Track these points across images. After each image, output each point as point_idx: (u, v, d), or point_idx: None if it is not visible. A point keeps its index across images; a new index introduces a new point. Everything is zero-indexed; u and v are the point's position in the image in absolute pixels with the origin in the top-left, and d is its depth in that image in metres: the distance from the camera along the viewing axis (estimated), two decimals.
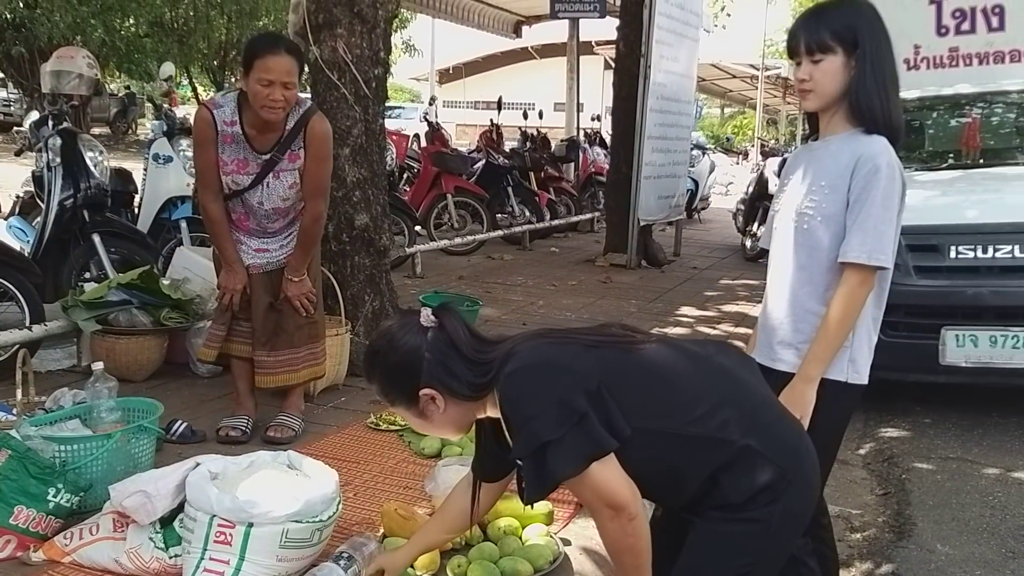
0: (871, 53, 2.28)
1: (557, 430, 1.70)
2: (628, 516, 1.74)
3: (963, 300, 4.54)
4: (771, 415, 1.87)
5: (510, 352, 1.83)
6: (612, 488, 1.73)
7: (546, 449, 1.72)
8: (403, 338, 1.91)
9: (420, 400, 1.90)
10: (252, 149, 3.57)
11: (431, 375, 1.87)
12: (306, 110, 3.61)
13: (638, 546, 1.78)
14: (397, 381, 1.93)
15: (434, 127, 10.25)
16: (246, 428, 3.78)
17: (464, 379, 1.86)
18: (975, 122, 5.94)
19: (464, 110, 39.99)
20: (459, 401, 1.90)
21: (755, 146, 25.01)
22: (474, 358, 1.87)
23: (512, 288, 7.67)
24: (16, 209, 6.40)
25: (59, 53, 5.62)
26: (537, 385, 1.75)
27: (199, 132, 3.61)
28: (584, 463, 1.71)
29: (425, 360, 1.87)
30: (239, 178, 3.59)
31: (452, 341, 1.88)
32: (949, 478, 4.10)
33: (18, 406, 3.46)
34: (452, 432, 2.02)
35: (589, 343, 1.82)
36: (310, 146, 3.57)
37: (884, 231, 2.24)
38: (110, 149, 5.80)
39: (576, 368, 1.76)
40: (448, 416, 1.93)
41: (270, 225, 3.72)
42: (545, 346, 1.83)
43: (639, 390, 1.79)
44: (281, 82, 3.37)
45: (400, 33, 27.89)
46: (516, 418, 1.77)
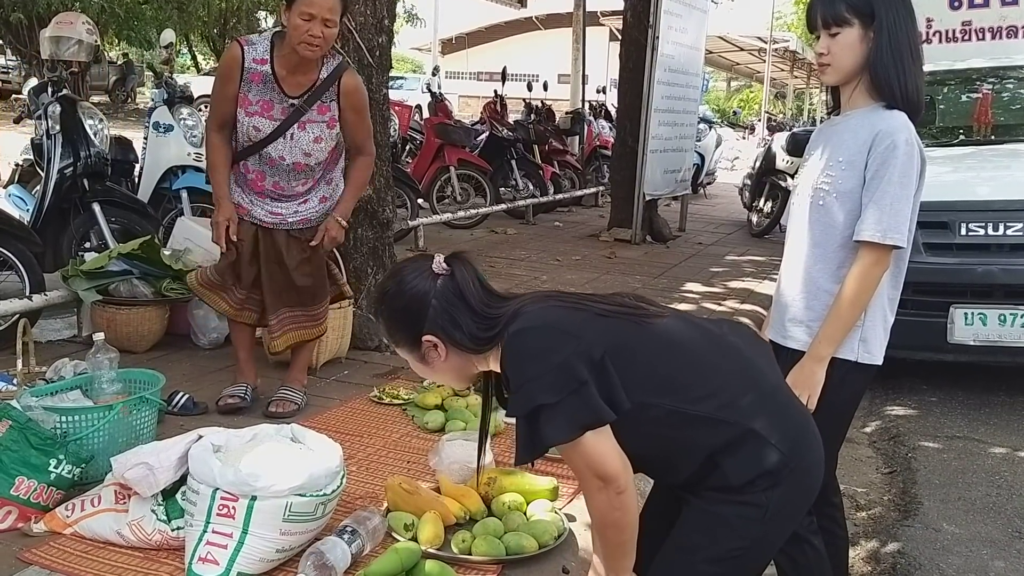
0: (888, 25, 2.23)
1: (554, 395, 1.68)
2: (616, 488, 1.71)
3: (972, 278, 4.51)
4: (779, 400, 1.83)
5: (518, 311, 1.81)
6: (603, 459, 1.71)
7: (540, 412, 1.70)
8: (412, 282, 1.88)
9: (422, 345, 1.88)
10: (280, 91, 3.50)
11: (435, 323, 1.85)
12: (339, 64, 3.56)
13: (623, 521, 1.76)
14: (402, 324, 1.90)
15: (437, 98, 10.16)
16: (244, 395, 3.75)
17: (468, 331, 1.84)
18: (987, 97, 5.88)
19: (467, 81, 39.76)
20: (461, 352, 1.87)
21: (762, 120, 24.87)
22: (481, 311, 1.84)
23: (515, 263, 7.63)
24: (15, 177, 6.34)
25: (58, 19, 5.56)
26: (540, 347, 1.73)
27: (224, 66, 3.60)
28: (577, 431, 1.69)
29: (431, 307, 1.85)
30: (261, 122, 3.50)
31: (461, 291, 1.85)
32: (955, 457, 4.09)
33: (18, 376, 3.44)
34: (452, 380, 2.00)
35: (600, 311, 1.79)
36: (348, 99, 3.55)
37: (900, 209, 2.19)
38: (109, 118, 5.74)
39: (583, 335, 1.73)
40: (449, 364, 1.90)
41: (288, 186, 3.62)
42: (554, 309, 1.80)
43: (645, 364, 1.76)
44: (323, 18, 3.30)
45: (403, 1, 27.69)
46: (515, 377, 1.75)
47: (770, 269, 7.64)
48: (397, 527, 2.58)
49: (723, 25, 25.08)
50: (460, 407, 3.64)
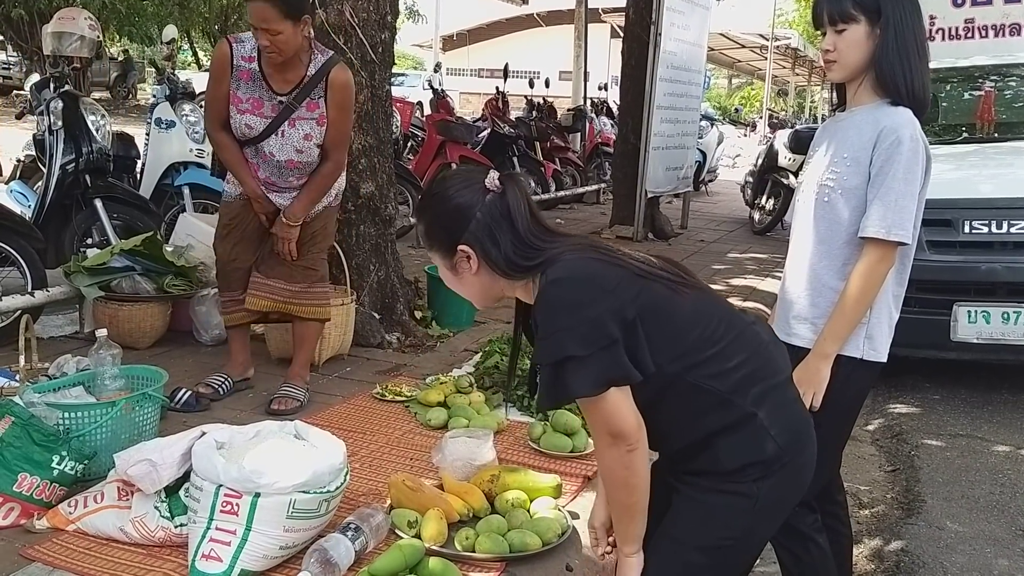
0: (895, 22, 2.22)
1: (584, 348, 1.67)
2: (627, 446, 1.71)
3: (976, 276, 4.51)
4: (787, 395, 1.83)
5: (560, 255, 1.78)
6: (620, 417, 1.70)
7: (567, 363, 1.69)
8: (461, 191, 1.86)
9: (456, 255, 1.86)
10: (269, 88, 3.51)
11: (474, 235, 1.82)
12: (328, 59, 3.54)
13: (632, 482, 1.75)
14: (441, 229, 1.88)
15: (439, 95, 10.15)
16: (219, 386, 3.78)
17: (505, 253, 1.81)
18: (990, 95, 5.87)
19: (468, 78, 39.73)
20: (492, 271, 1.85)
21: (764, 118, 24.84)
22: (525, 238, 1.82)
23: None
24: (17, 173, 6.35)
25: (60, 14, 5.54)
26: (576, 299, 1.71)
27: (214, 64, 3.62)
28: (602, 387, 1.68)
29: (474, 219, 1.82)
30: (253, 120, 3.53)
31: (509, 211, 1.82)
32: (959, 455, 4.08)
33: (21, 372, 3.43)
34: (477, 296, 1.96)
35: (639, 271, 1.77)
36: (333, 95, 3.52)
37: (905, 205, 2.19)
38: (110, 113, 5.73)
39: (619, 293, 1.72)
40: (477, 280, 1.88)
41: (282, 180, 3.66)
42: (595, 262, 1.77)
43: (672, 331, 1.75)
44: (261, 28, 3.31)
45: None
46: (546, 324, 1.73)
47: (772, 266, 7.63)
48: (400, 524, 2.58)
49: (725, 22, 25.04)
50: (463, 404, 3.63)
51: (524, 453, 3.30)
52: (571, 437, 3.30)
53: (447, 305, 5.09)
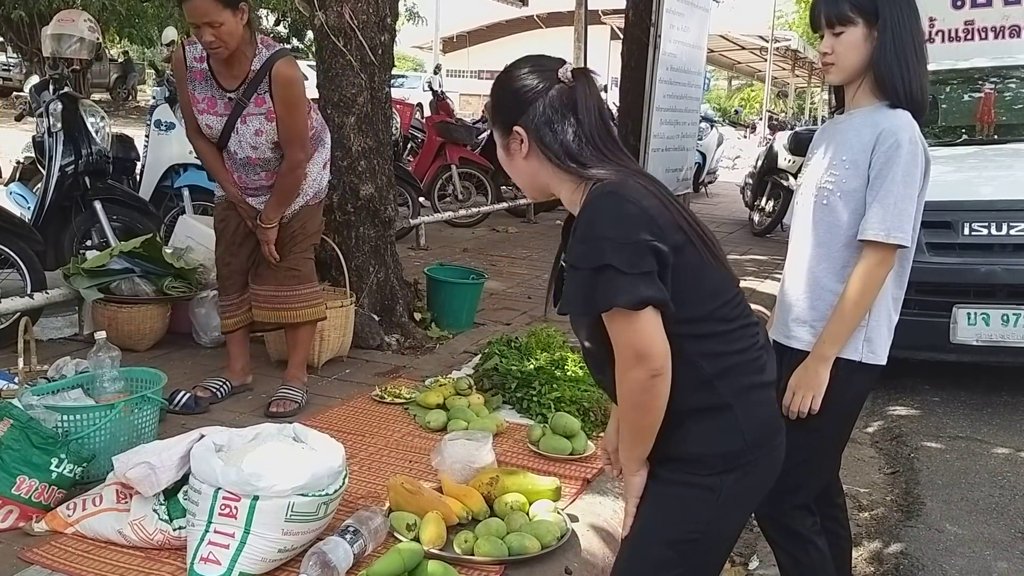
0: (892, 24, 2.22)
1: (626, 264, 1.64)
2: (652, 369, 1.66)
3: (975, 278, 4.50)
4: (767, 397, 1.82)
5: (623, 170, 1.76)
6: (651, 339, 1.66)
7: (607, 271, 1.64)
8: (529, 74, 1.83)
9: (511, 134, 1.83)
10: (219, 86, 3.54)
11: (531, 120, 1.80)
12: (273, 53, 3.54)
13: (650, 404, 1.70)
14: (503, 105, 1.86)
15: (439, 96, 10.14)
16: (217, 390, 3.80)
17: (561, 142, 1.78)
18: (990, 97, 5.86)
19: (468, 79, 39.72)
20: (542, 158, 1.81)
21: (763, 119, 24.84)
22: (588, 134, 1.79)
23: (517, 261, 7.63)
24: (17, 175, 6.34)
25: (60, 16, 5.54)
26: (629, 219, 1.67)
27: (175, 70, 3.74)
28: (638, 304, 1.63)
29: (535, 104, 1.79)
30: (211, 119, 3.58)
31: (575, 104, 1.79)
32: (958, 457, 4.08)
33: (20, 375, 3.43)
34: (525, 183, 1.93)
35: (684, 226, 1.73)
36: (275, 90, 3.51)
37: (904, 208, 2.19)
38: (110, 115, 5.73)
39: (666, 236, 1.68)
40: (527, 165, 1.85)
41: (249, 179, 3.69)
42: (654, 197, 1.72)
43: (692, 294, 1.72)
44: (204, 23, 3.32)
45: (404, 0, 27.65)
46: (591, 229, 1.68)
47: (772, 268, 7.63)
48: (399, 527, 2.57)
49: (724, 24, 25.03)
50: (462, 406, 3.63)
51: (523, 455, 3.29)
52: (570, 439, 3.30)
53: (446, 307, 5.09)
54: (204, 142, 3.68)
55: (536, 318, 5.41)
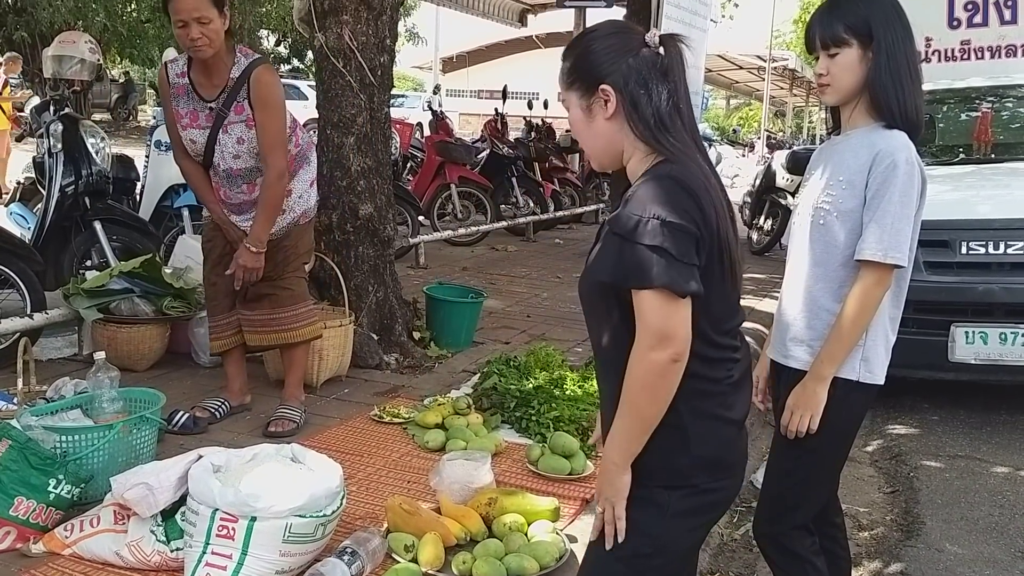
0: (886, 46, 2.24)
1: (677, 251, 1.61)
2: (674, 353, 1.63)
3: (973, 296, 4.51)
4: (728, 432, 1.80)
5: (692, 152, 1.73)
6: (679, 323, 1.63)
7: (655, 251, 1.61)
8: (620, 33, 1.79)
9: (595, 94, 1.77)
10: (200, 98, 3.57)
11: (623, 78, 1.73)
12: (252, 61, 3.57)
13: (661, 391, 1.66)
14: (588, 65, 1.78)
15: (438, 116, 10.19)
16: (216, 410, 3.80)
17: (655, 107, 1.72)
18: (986, 116, 5.89)
19: (467, 99, 39.86)
20: (626, 122, 1.75)
21: (761, 138, 24.93)
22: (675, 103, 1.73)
23: (516, 280, 7.63)
24: (17, 195, 6.36)
25: (61, 38, 5.57)
26: (687, 210, 1.64)
27: (160, 90, 3.77)
28: (677, 289, 1.61)
29: (626, 63, 1.73)
30: (194, 133, 3.59)
31: (665, 69, 1.73)
32: (958, 476, 4.07)
33: (19, 395, 3.43)
34: (599, 149, 1.84)
35: (721, 238, 1.69)
36: (252, 94, 3.53)
37: (901, 228, 2.20)
38: (110, 135, 5.76)
39: (708, 238, 1.66)
40: (608, 128, 1.78)
41: (232, 192, 3.69)
42: (709, 196, 1.68)
43: (703, 307, 1.68)
44: (193, 18, 3.35)
45: (404, 20, 27.81)
46: (648, 204, 1.64)
47: (770, 287, 7.63)
48: (397, 548, 2.57)
49: (722, 44, 25.12)
50: (460, 426, 3.63)
51: (522, 476, 3.29)
52: (569, 459, 3.29)
53: (445, 326, 5.09)
54: (190, 163, 3.70)
55: (535, 337, 5.42)
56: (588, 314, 1.84)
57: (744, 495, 3.78)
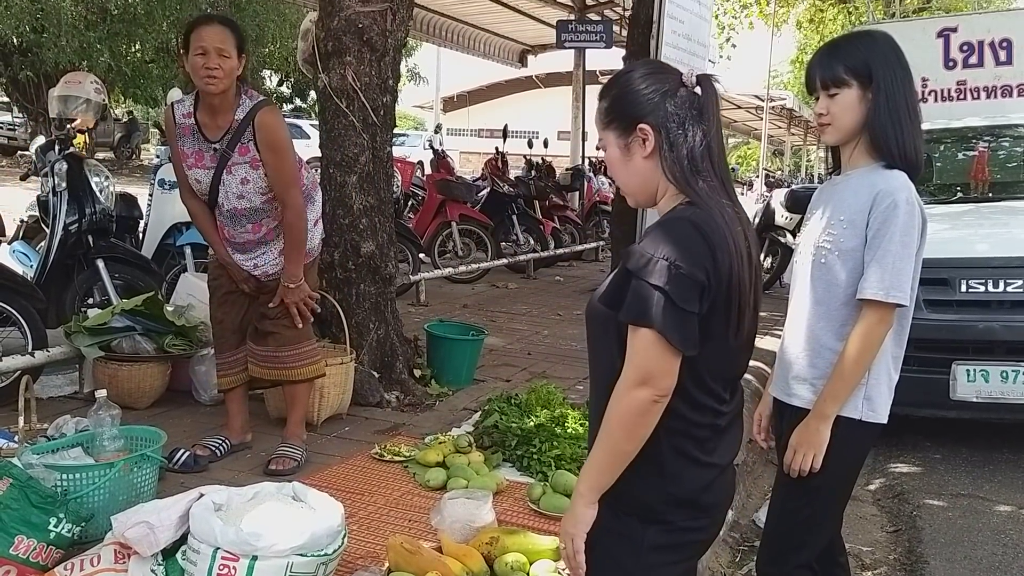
0: (885, 86, 2.27)
1: (678, 296, 1.62)
2: (656, 392, 1.63)
3: (973, 334, 4.51)
4: (706, 475, 1.78)
5: (721, 196, 1.74)
6: (663, 369, 1.63)
7: (657, 290, 1.62)
8: (658, 73, 1.79)
9: (633, 133, 1.77)
10: (205, 139, 3.60)
11: (662, 118, 1.74)
12: (256, 103, 3.61)
13: (639, 429, 1.66)
14: (627, 105, 1.79)
15: (439, 155, 10.26)
16: (217, 448, 3.80)
17: (690, 148, 1.73)
18: (983, 155, 5.94)
19: (468, 138, 40.17)
20: (661, 162, 1.76)
21: (760, 177, 25.06)
22: (709, 145, 1.74)
23: (517, 317, 7.64)
24: (20, 233, 6.39)
25: (67, 78, 5.62)
26: (697, 254, 1.65)
27: (166, 130, 3.82)
28: (670, 338, 1.61)
29: (665, 103, 1.75)
30: (199, 173, 3.63)
31: (701, 110, 1.75)
32: (961, 515, 4.05)
33: (20, 433, 3.42)
34: (636, 188, 1.85)
35: (733, 288, 1.69)
36: (259, 137, 3.56)
37: (902, 268, 2.21)
38: (114, 173, 5.79)
39: (717, 289, 1.67)
40: (645, 167, 1.79)
41: (236, 232, 3.72)
42: (726, 244, 1.68)
43: (700, 359, 1.69)
44: (215, 48, 3.41)
45: (405, 61, 28.06)
46: (659, 246, 1.65)
47: (771, 324, 7.63)
48: None
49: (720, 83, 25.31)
50: (462, 464, 3.62)
51: (523, 515, 3.28)
52: (571, 498, 3.27)
53: (446, 363, 5.09)
54: (196, 203, 3.74)
55: (536, 375, 5.41)
56: (589, 339, 1.86)
57: (747, 534, 3.76)
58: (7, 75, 21.95)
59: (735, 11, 18.31)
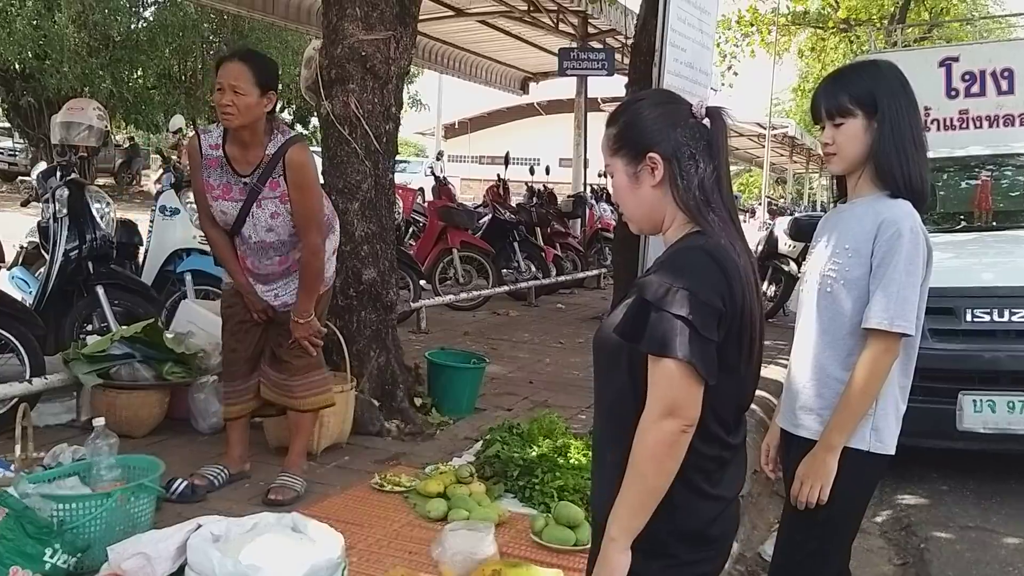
0: (890, 116, 2.27)
1: (700, 324, 1.60)
2: (681, 426, 1.62)
3: (980, 364, 4.48)
4: (711, 508, 1.76)
5: (729, 228, 1.73)
6: (690, 399, 1.62)
7: (679, 320, 1.60)
8: (669, 104, 1.79)
9: (643, 162, 1.76)
10: (234, 172, 3.59)
11: (672, 148, 1.74)
12: (288, 139, 3.61)
13: (668, 462, 1.64)
14: (637, 133, 1.78)
15: (441, 181, 10.27)
16: (215, 477, 3.76)
17: (700, 179, 1.73)
18: (986, 184, 5.94)
19: (469, 164, 40.30)
20: (668, 191, 1.76)
21: (763, 204, 25.14)
22: (718, 176, 1.74)
23: (518, 345, 7.61)
24: (19, 259, 6.37)
25: (70, 105, 5.63)
26: (714, 284, 1.64)
27: (190, 158, 3.80)
28: (699, 367, 1.60)
29: (675, 133, 1.74)
30: (225, 205, 3.62)
31: (711, 144, 1.75)
32: (968, 548, 4.00)
33: (16, 462, 3.39)
34: (643, 216, 1.84)
35: (744, 318, 1.69)
36: (289, 175, 3.56)
37: (907, 297, 2.19)
38: (114, 200, 5.79)
39: (731, 318, 1.66)
40: (652, 196, 1.78)
41: (261, 264, 3.72)
42: (738, 274, 1.69)
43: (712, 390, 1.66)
44: (229, 85, 3.42)
45: (407, 88, 28.22)
46: (677, 276, 1.64)
47: (775, 353, 7.58)
48: None
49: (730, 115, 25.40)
50: (463, 495, 3.57)
51: (526, 547, 3.23)
52: (574, 530, 3.24)
53: (447, 392, 5.06)
54: (217, 231, 3.72)
55: (538, 403, 5.37)
56: (597, 369, 1.83)
57: (752, 567, 3.70)
58: (8, 101, 22.10)
59: (736, 39, 18.43)
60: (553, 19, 12.74)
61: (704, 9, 6.07)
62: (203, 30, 23.11)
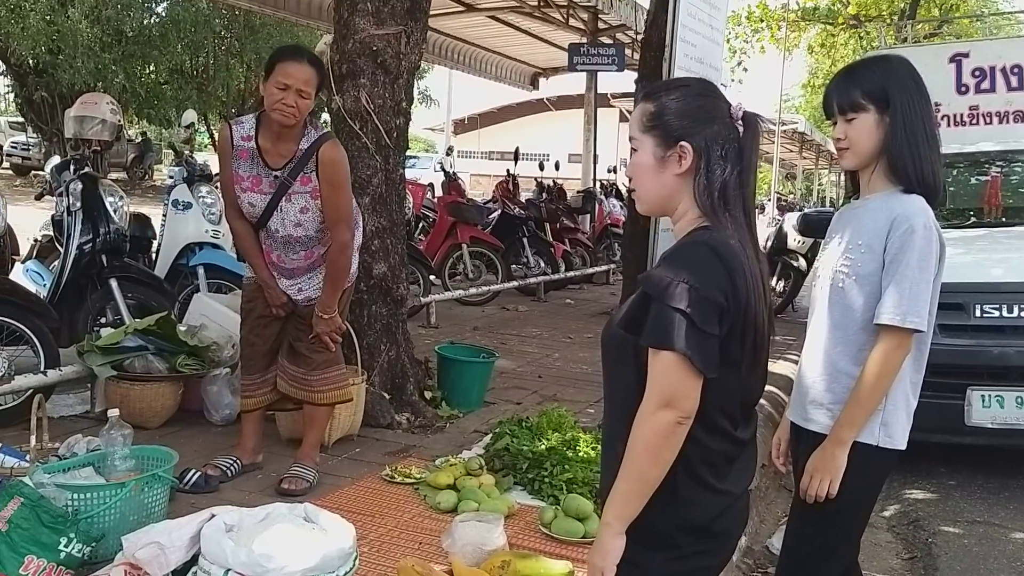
0: (903, 111, 2.27)
1: (700, 318, 1.61)
2: (677, 418, 1.63)
3: (988, 360, 4.49)
4: (718, 502, 1.77)
5: (743, 231, 1.74)
6: (686, 391, 1.63)
7: (678, 313, 1.61)
8: (711, 98, 1.78)
9: (672, 148, 1.75)
10: (265, 165, 3.61)
11: (706, 142, 1.73)
12: (321, 135, 3.63)
13: (664, 452, 1.65)
14: (675, 118, 1.76)
15: (450, 177, 10.29)
16: (228, 468, 3.79)
17: (724, 178, 1.72)
18: (996, 180, 5.93)
19: (478, 160, 40.31)
20: (690, 182, 1.75)
21: (772, 200, 25.06)
22: (742, 180, 1.74)
23: (527, 340, 7.62)
24: (33, 253, 6.42)
25: (83, 99, 5.67)
26: (717, 279, 1.65)
27: (220, 147, 3.79)
28: (695, 360, 1.61)
29: (712, 128, 1.74)
30: (254, 197, 3.64)
31: (741, 147, 1.75)
32: (976, 542, 4.01)
33: (32, 452, 3.42)
34: (655, 199, 1.83)
35: (749, 318, 1.69)
36: (323, 170, 3.59)
37: (919, 293, 2.20)
38: (127, 194, 5.82)
39: (734, 316, 1.67)
40: (673, 183, 1.77)
41: (287, 258, 3.73)
42: (746, 271, 1.69)
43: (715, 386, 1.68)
44: (297, 88, 3.44)
45: (417, 83, 28.25)
46: (680, 270, 1.65)
47: (784, 348, 7.60)
48: None
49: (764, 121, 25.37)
50: (473, 487, 3.60)
51: (535, 538, 3.25)
52: (583, 522, 3.26)
53: (457, 385, 5.08)
54: (242, 223, 3.74)
55: (547, 398, 5.39)
56: (605, 363, 1.85)
57: (760, 560, 3.72)
58: (22, 95, 22.21)
59: (747, 35, 18.39)
60: (563, 14, 12.72)
61: (714, 4, 6.05)
62: (215, 25, 23.16)
